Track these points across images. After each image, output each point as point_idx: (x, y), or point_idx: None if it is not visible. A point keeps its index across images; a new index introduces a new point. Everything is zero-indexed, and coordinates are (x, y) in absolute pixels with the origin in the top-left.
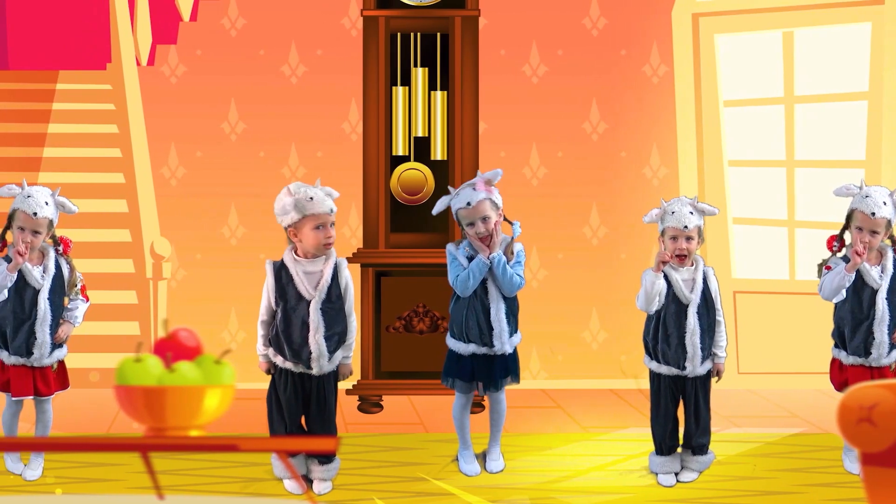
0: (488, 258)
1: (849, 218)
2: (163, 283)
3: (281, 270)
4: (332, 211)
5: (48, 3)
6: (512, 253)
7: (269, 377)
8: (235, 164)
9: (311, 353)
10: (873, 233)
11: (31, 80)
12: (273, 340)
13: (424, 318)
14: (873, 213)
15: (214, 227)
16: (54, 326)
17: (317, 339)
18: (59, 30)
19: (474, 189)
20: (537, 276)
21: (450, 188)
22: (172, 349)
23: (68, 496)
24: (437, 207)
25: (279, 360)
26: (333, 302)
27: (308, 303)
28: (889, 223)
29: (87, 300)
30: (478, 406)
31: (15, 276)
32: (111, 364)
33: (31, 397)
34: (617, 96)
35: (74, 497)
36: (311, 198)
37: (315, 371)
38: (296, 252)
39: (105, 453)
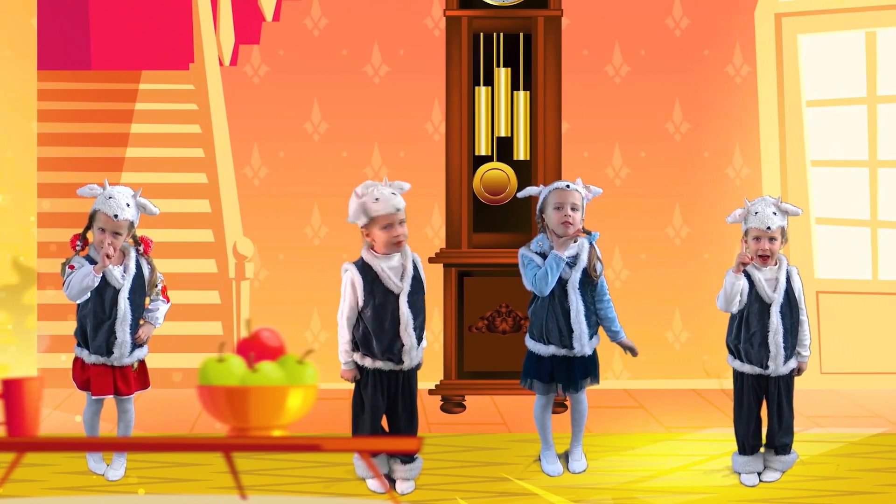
0: (563, 254)
1: None
2: (245, 283)
3: (364, 268)
4: (398, 210)
5: (131, 4)
6: (599, 260)
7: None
8: (318, 163)
9: (403, 345)
10: None
11: (114, 81)
12: (360, 342)
13: (507, 318)
14: None
15: (297, 227)
16: (134, 326)
17: (408, 331)
18: (141, 30)
19: (574, 182)
20: (620, 277)
21: (540, 185)
22: (255, 349)
23: (151, 496)
24: (525, 192)
25: (367, 362)
26: (417, 294)
27: (396, 297)
28: None
29: (168, 301)
30: (560, 406)
31: (99, 277)
32: (194, 364)
33: (112, 397)
34: (700, 96)
35: (157, 497)
36: (377, 199)
37: (406, 364)
38: (373, 249)
39: (188, 453)
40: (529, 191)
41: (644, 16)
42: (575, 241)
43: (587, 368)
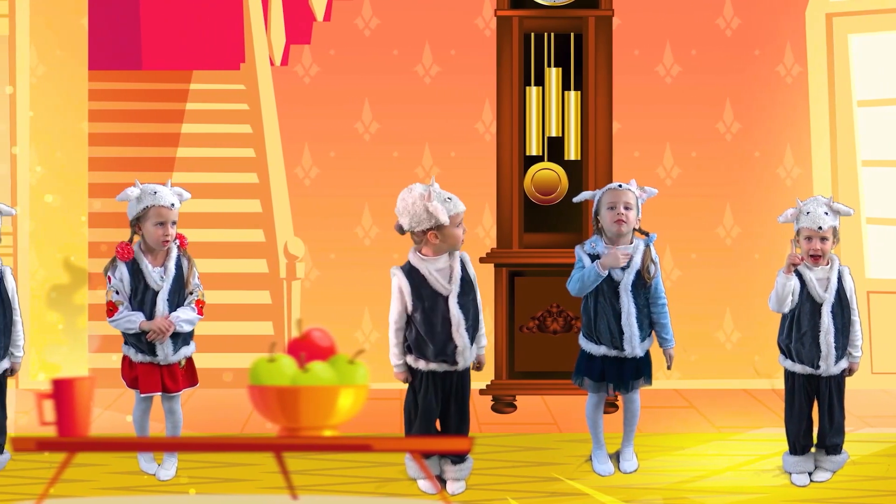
0: (603, 272)
1: None
2: (296, 283)
3: (411, 272)
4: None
5: (182, 4)
6: (653, 261)
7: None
8: (369, 164)
9: (456, 347)
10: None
11: (164, 81)
12: (413, 345)
13: (558, 318)
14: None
15: (348, 227)
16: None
17: (460, 332)
18: (192, 30)
19: (628, 183)
20: (671, 277)
21: (596, 189)
22: (306, 349)
23: (202, 496)
24: (580, 197)
25: (421, 364)
26: (467, 294)
27: (445, 298)
28: None
29: (200, 315)
30: (611, 406)
31: (138, 330)
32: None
33: (160, 394)
34: (751, 96)
35: (208, 497)
36: (449, 198)
37: (460, 365)
38: (420, 252)
39: (238, 453)
40: (584, 195)
41: (695, 16)
42: (631, 243)
43: (639, 369)
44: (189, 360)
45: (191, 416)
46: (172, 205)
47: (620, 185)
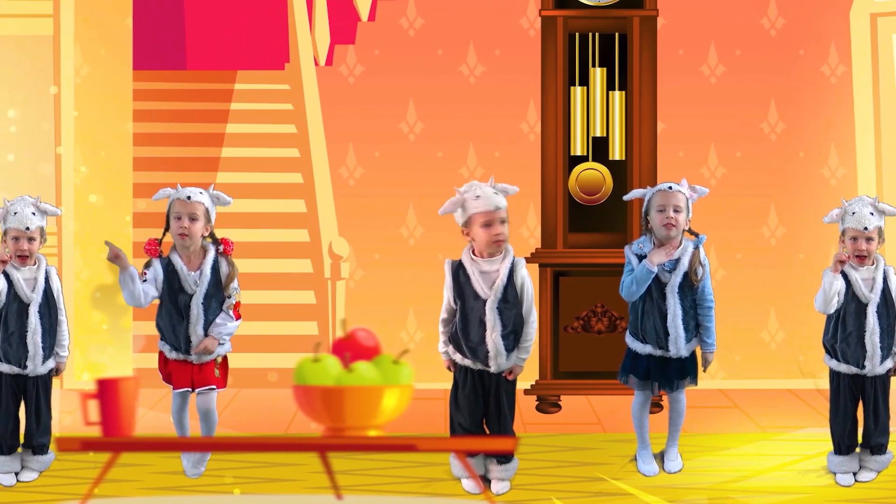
0: (653, 267)
1: None
2: (341, 283)
3: (459, 270)
4: (497, 208)
5: (227, 4)
6: (700, 263)
7: (451, 378)
8: (414, 163)
9: (488, 351)
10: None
11: (209, 81)
12: (453, 338)
13: (603, 317)
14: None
15: (393, 227)
16: (209, 327)
17: (493, 337)
18: (237, 30)
19: (678, 184)
20: (716, 277)
21: (648, 187)
22: (351, 349)
23: (247, 496)
24: (630, 195)
25: (458, 358)
26: (510, 302)
27: (484, 302)
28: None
29: (238, 318)
30: (656, 406)
31: (126, 275)
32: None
33: (196, 395)
34: (795, 96)
35: (253, 497)
36: (478, 196)
37: (493, 369)
38: (472, 251)
39: (283, 453)
40: (635, 193)
41: (739, 16)
42: (679, 246)
43: (685, 369)
44: (224, 359)
45: (235, 417)
46: (189, 197)
47: (671, 187)
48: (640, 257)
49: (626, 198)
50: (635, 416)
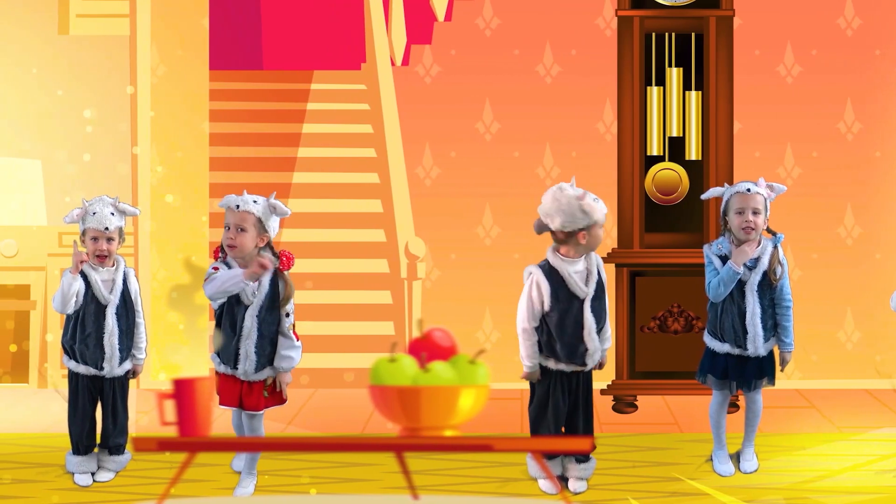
0: (739, 268)
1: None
2: (417, 283)
3: (551, 272)
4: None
5: (303, 4)
6: (780, 263)
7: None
8: (490, 163)
9: (587, 349)
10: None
11: (285, 81)
12: (544, 345)
13: (679, 317)
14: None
15: (469, 227)
16: (260, 343)
17: (591, 335)
18: (313, 30)
19: (756, 184)
20: (792, 276)
21: (725, 184)
22: (427, 349)
23: (323, 496)
24: (708, 195)
25: (551, 363)
26: (600, 298)
27: (581, 301)
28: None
29: (298, 339)
30: (733, 406)
31: (242, 286)
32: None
33: (238, 409)
34: (871, 96)
35: (329, 497)
36: (596, 199)
37: (588, 367)
38: (559, 251)
39: (359, 453)
40: (713, 192)
41: (815, 16)
42: (758, 245)
43: (762, 369)
44: (274, 380)
45: (312, 417)
46: (238, 206)
47: (749, 189)
48: (722, 258)
49: (703, 197)
50: (712, 417)
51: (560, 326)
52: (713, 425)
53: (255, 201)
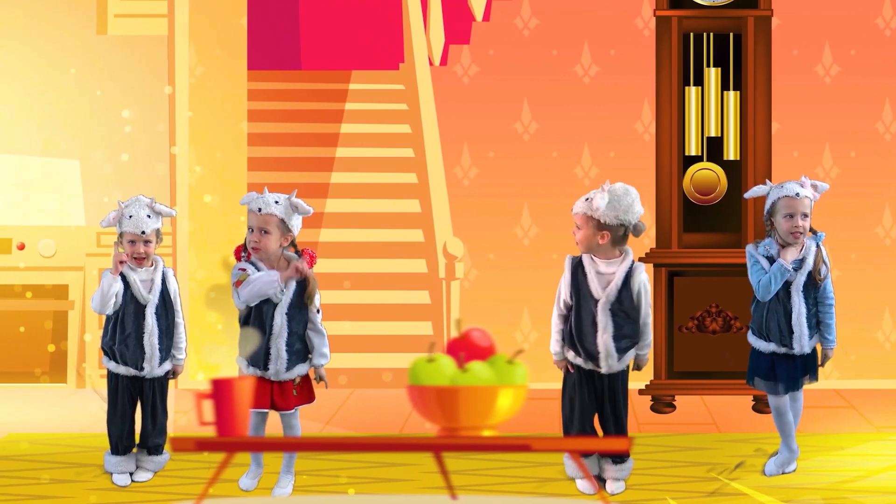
0: (790, 265)
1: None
2: (455, 282)
3: (578, 267)
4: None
5: (341, 4)
6: (824, 262)
7: (562, 378)
8: (528, 164)
9: (598, 351)
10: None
11: (323, 81)
12: (567, 337)
13: (717, 318)
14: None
15: (507, 227)
16: (290, 341)
17: (604, 339)
18: (351, 30)
19: (802, 185)
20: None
21: (767, 181)
22: (465, 349)
23: (361, 496)
24: (751, 193)
25: (571, 356)
26: (624, 305)
27: (597, 302)
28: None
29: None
30: (768, 406)
31: (280, 289)
32: (404, 364)
33: (269, 411)
34: None
35: (367, 497)
36: (603, 199)
37: (604, 370)
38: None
39: (398, 453)
40: (756, 191)
41: (854, 15)
42: (803, 245)
43: (807, 366)
44: (304, 377)
45: (349, 416)
46: (260, 210)
47: (798, 194)
48: (768, 258)
49: (746, 195)
50: (775, 421)
51: (577, 322)
52: (778, 428)
53: (276, 202)
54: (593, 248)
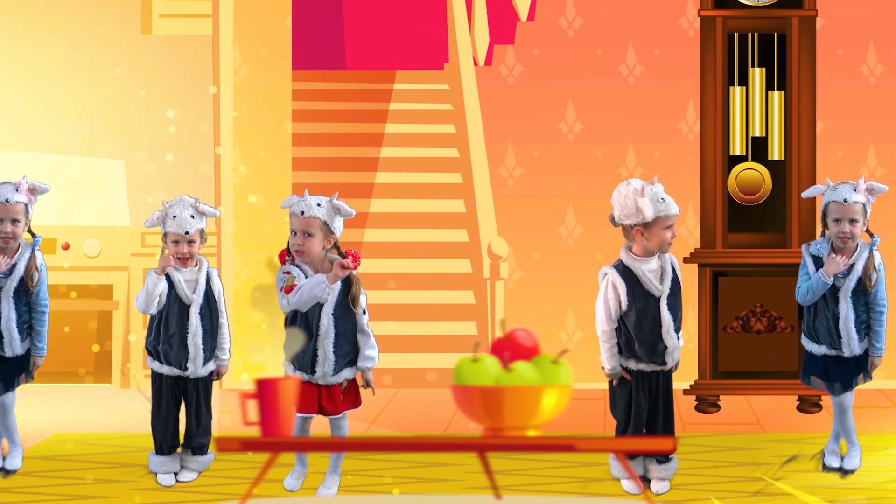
0: (829, 279)
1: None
2: (500, 282)
3: (626, 271)
4: (677, 214)
5: (386, 4)
6: (875, 269)
7: (609, 390)
8: (572, 164)
9: (666, 347)
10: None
11: (368, 81)
12: (624, 345)
13: (762, 317)
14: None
15: (552, 227)
16: (337, 343)
17: (670, 333)
18: (396, 30)
19: (855, 190)
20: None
21: (827, 180)
22: (510, 349)
23: (406, 496)
24: (808, 193)
25: (631, 364)
26: (675, 296)
27: (657, 299)
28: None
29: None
30: (815, 406)
31: (331, 290)
32: (448, 364)
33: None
34: None
35: (412, 497)
36: (663, 199)
37: (668, 365)
38: (631, 250)
39: (442, 453)
40: (814, 190)
41: None
42: (855, 250)
43: (860, 365)
44: (352, 381)
45: (394, 416)
46: (302, 213)
47: (846, 200)
48: (817, 258)
49: (804, 195)
50: (837, 417)
51: (638, 325)
52: (840, 425)
53: (318, 204)
54: (634, 247)
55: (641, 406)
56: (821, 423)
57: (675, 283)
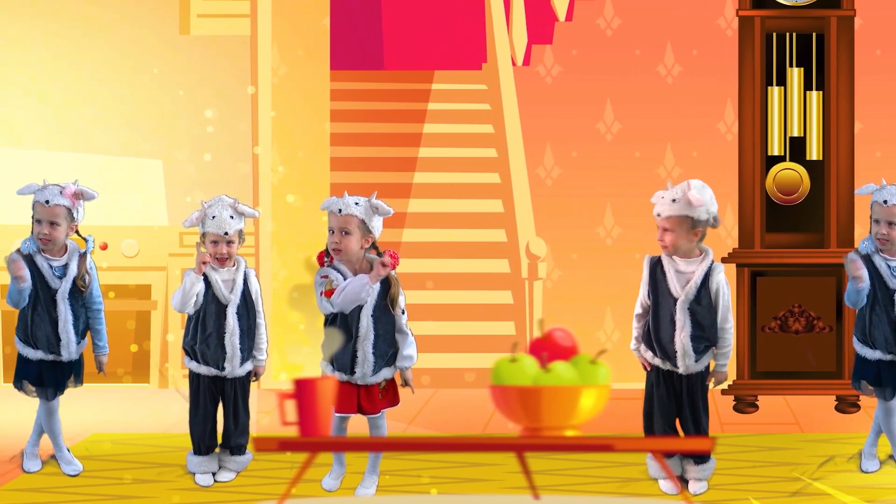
0: (860, 284)
1: None
2: (538, 282)
3: (657, 266)
4: None
5: (424, 4)
6: None
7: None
8: (611, 163)
9: (675, 351)
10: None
11: (406, 81)
12: (645, 337)
13: (800, 318)
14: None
15: (590, 227)
16: (377, 343)
17: (682, 338)
18: (434, 30)
19: None
20: None
21: (883, 181)
22: (548, 349)
23: (444, 496)
24: (861, 191)
25: (649, 356)
26: (702, 304)
27: (675, 301)
28: None
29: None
30: (853, 406)
31: (372, 290)
32: (486, 364)
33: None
34: None
35: (450, 497)
36: (668, 198)
37: (681, 370)
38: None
39: (480, 453)
40: (866, 188)
41: None
42: None
43: None
44: (390, 381)
45: (432, 416)
46: (340, 210)
47: (886, 202)
48: (865, 257)
49: (857, 192)
50: (883, 425)
51: (655, 321)
52: (886, 432)
53: (356, 203)
54: (682, 248)
55: (663, 400)
56: (859, 423)
57: (706, 293)
